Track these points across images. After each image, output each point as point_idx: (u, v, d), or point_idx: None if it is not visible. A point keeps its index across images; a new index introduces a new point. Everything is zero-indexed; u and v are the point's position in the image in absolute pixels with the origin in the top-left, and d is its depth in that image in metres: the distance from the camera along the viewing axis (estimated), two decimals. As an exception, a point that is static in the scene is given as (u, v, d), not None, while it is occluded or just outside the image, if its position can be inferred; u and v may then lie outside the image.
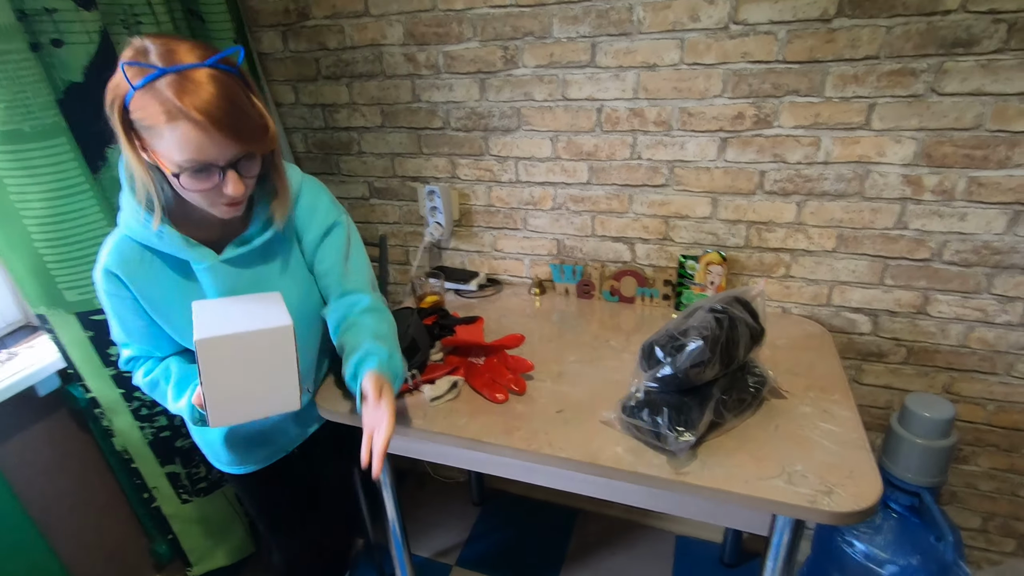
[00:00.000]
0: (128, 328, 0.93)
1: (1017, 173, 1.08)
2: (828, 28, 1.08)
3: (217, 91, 0.72)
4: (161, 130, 0.71)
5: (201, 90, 0.71)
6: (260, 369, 0.79)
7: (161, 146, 0.73)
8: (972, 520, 1.44)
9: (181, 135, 0.71)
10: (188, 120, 0.71)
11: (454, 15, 1.30)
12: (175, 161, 0.74)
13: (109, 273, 0.87)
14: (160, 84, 0.70)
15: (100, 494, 1.39)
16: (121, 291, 0.88)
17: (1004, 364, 1.24)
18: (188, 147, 0.72)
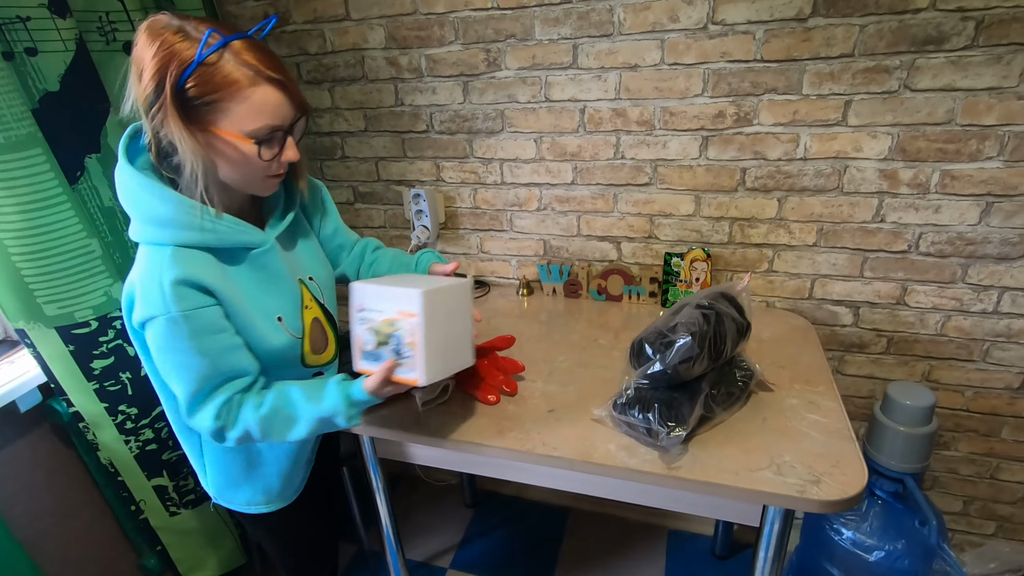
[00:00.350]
0: (214, 358, 0.75)
1: (988, 166, 1.11)
2: (804, 27, 1.10)
3: (275, 55, 0.72)
4: (237, 97, 0.68)
5: (268, 53, 0.71)
6: (455, 323, 0.85)
7: (233, 116, 0.69)
8: (954, 504, 1.48)
9: (260, 99, 0.69)
10: (268, 82, 0.69)
11: (435, 18, 1.30)
12: (248, 130, 0.70)
13: (185, 284, 0.71)
14: (231, 51, 0.68)
15: (86, 510, 1.37)
16: (202, 301, 0.73)
17: (980, 351, 1.28)
18: (266, 111, 0.70)
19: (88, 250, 1.13)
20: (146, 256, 0.74)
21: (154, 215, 0.73)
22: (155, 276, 0.71)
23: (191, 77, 0.66)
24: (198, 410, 0.78)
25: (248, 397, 0.80)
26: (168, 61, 0.66)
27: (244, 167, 0.74)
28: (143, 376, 1.27)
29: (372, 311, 0.83)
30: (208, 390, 0.77)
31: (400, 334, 0.80)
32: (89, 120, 1.14)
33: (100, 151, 1.17)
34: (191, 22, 0.69)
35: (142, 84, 0.68)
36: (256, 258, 0.81)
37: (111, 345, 1.21)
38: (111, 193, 1.20)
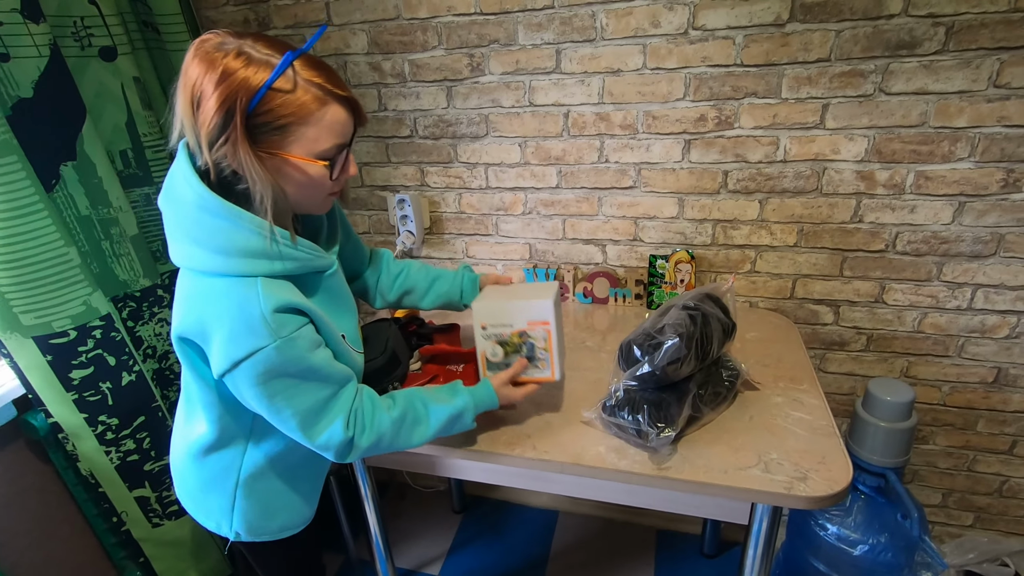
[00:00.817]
0: (325, 371, 0.75)
1: (960, 166, 1.15)
2: (782, 32, 1.12)
3: (333, 68, 0.70)
4: (308, 120, 0.66)
5: (329, 68, 0.69)
6: (560, 328, 0.95)
7: (304, 139, 0.67)
8: (933, 497, 1.52)
9: (331, 119, 0.68)
10: (337, 100, 0.68)
11: (419, 23, 1.30)
12: (318, 151, 0.69)
13: (283, 311, 0.69)
14: (296, 70, 0.65)
15: (63, 527, 1.33)
16: (301, 321, 0.72)
17: (955, 347, 1.31)
18: (336, 129, 0.69)
19: (66, 259, 1.10)
20: (229, 290, 0.69)
21: (241, 247, 0.68)
22: (251, 310, 0.67)
23: (260, 103, 0.64)
24: (323, 427, 0.76)
25: (374, 403, 0.82)
26: (236, 90, 0.62)
27: (311, 188, 0.72)
28: (124, 386, 1.24)
29: (499, 326, 0.93)
30: (326, 405, 0.76)
31: (533, 341, 0.93)
32: (64, 127, 1.12)
33: (76, 158, 1.14)
34: (246, 40, 0.65)
35: (203, 115, 0.64)
36: (325, 280, 0.80)
37: (90, 355, 1.18)
38: (87, 201, 1.17)
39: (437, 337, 1.26)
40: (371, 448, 0.81)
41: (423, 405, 0.86)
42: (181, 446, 0.90)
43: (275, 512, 0.92)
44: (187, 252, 0.71)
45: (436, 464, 1.06)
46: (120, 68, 1.22)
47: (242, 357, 0.68)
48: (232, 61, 0.63)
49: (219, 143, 0.65)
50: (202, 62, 0.64)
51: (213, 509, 0.90)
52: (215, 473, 0.87)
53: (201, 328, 0.70)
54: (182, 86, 0.65)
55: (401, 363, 1.08)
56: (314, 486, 0.97)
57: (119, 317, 1.25)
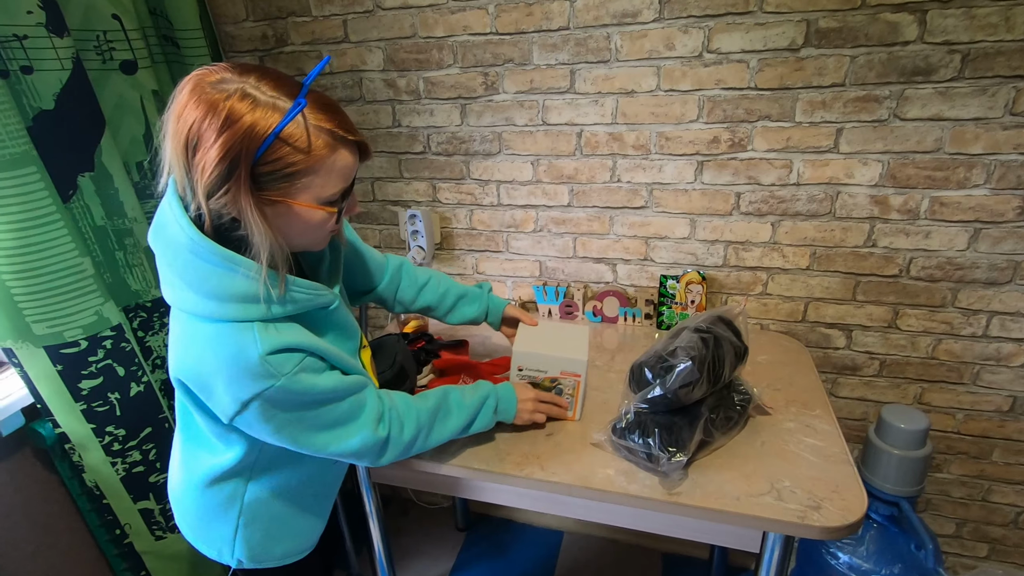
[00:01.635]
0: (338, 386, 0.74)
1: (975, 193, 1.14)
2: (796, 57, 1.13)
3: (340, 107, 0.66)
4: (317, 168, 0.63)
5: (337, 109, 0.65)
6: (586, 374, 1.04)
7: (311, 187, 0.64)
8: (947, 527, 1.49)
9: (340, 165, 0.65)
10: (345, 145, 0.64)
11: (435, 42, 1.31)
12: (325, 196, 0.65)
13: (279, 352, 0.67)
14: (304, 115, 0.61)
15: (65, 537, 1.32)
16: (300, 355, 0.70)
17: (970, 374, 1.30)
18: (344, 174, 0.66)
19: (79, 269, 1.11)
20: (222, 338, 0.66)
21: (236, 293, 0.65)
22: (245, 356, 0.65)
23: (267, 151, 0.59)
24: (355, 432, 0.76)
25: (405, 398, 0.85)
26: (241, 139, 0.58)
27: (314, 231, 0.69)
28: (132, 397, 1.24)
29: (533, 371, 1.03)
30: (349, 415, 0.76)
31: (562, 387, 1.03)
32: (83, 138, 1.13)
33: (94, 169, 1.15)
34: (249, 79, 0.60)
35: (203, 162, 0.59)
36: (327, 316, 0.77)
37: (100, 365, 1.18)
38: (103, 211, 1.18)
39: (445, 353, 1.26)
40: (411, 443, 0.82)
41: (452, 397, 0.90)
42: (181, 476, 0.88)
43: (279, 539, 0.90)
44: (180, 295, 0.68)
45: (442, 482, 1.05)
46: (140, 81, 1.23)
47: (248, 398, 0.67)
48: (237, 104, 0.58)
49: (220, 193, 0.60)
50: (201, 103, 0.58)
51: (215, 537, 0.88)
52: (218, 502, 0.85)
53: (199, 376, 0.68)
54: (176, 129, 0.60)
55: (409, 377, 1.08)
56: (320, 513, 0.96)
57: (130, 327, 1.25)
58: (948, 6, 1.03)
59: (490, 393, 0.93)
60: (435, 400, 0.88)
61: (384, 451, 0.81)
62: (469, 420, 0.91)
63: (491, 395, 0.93)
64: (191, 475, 0.86)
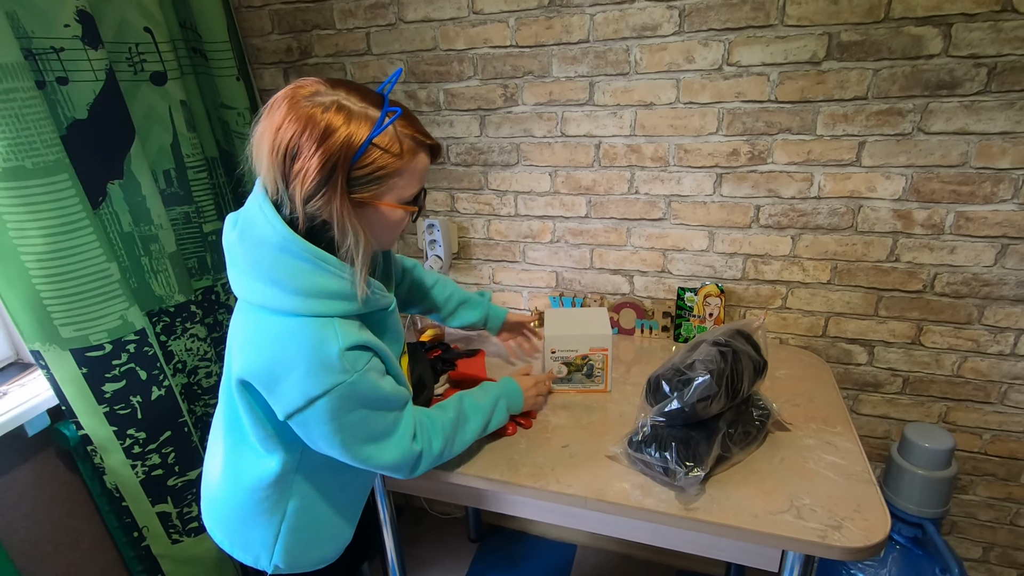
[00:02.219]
0: (391, 396, 0.78)
1: (1002, 208, 1.12)
2: (818, 70, 1.12)
3: (411, 111, 0.74)
4: (402, 170, 0.69)
5: (411, 114, 0.72)
6: None
7: (397, 188, 0.70)
8: (973, 551, 1.44)
9: (421, 167, 0.72)
10: (424, 149, 0.72)
11: (455, 54, 1.33)
12: (406, 197, 0.72)
13: (354, 348, 0.71)
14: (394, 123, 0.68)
15: (85, 537, 1.34)
16: (369, 354, 0.74)
17: (998, 393, 1.26)
18: (422, 175, 0.73)
19: (107, 274, 1.13)
20: (304, 331, 0.69)
21: (322, 288, 0.69)
22: (329, 348, 0.69)
23: (361, 158, 0.65)
24: (394, 446, 0.79)
25: (428, 412, 0.88)
26: (340, 147, 0.63)
27: (393, 230, 0.76)
28: (153, 400, 1.26)
29: (565, 351, 1.15)
30: (394, 426, 0.80)
31: (593, 363, 1.15)
32: (114, 147, 1.17)
33: (123, 177, 1.18)
34: (340, 92, 0.66)
35: (302, 171, 0.64)
36: (385, 318, 0.82)
37: (123, 368, 1.20)
38: (131, 218, 1.21)
39: (461, 363, 1.26)
40: (440, 454, 0.87)
41: (466, 403, 0.94)
42: (222, 481, 0.88)
43: (316, 544, 0.91)
44: (263, 291, 0.71)
45: (457, 492, 1.05)
46: (169, 92, 1.27)
47: (319, 394, 0.69)
48: (334, 117, 0.64)
49: (317, 197, 0.65)
50: (299, 118, 0.64)
51: (253, 542, 0.88)
52: (263, 508, 0.85)
53: (271, 370, 0.70)
54: (272, 139, 0.65)
55: (427, 387, 1.08)
56: (353, 517, 0.96)
57: (153, 332, 1.27)
58: (974, 19, 1.01)
59: (500, 393, 0.99)
60: (454, 410, 0.92)
61: (418, 465, 0.84)
62: (486, 421, 0.96)
63: (501, 395, 0.99)
64: (235, 481, 0.86)
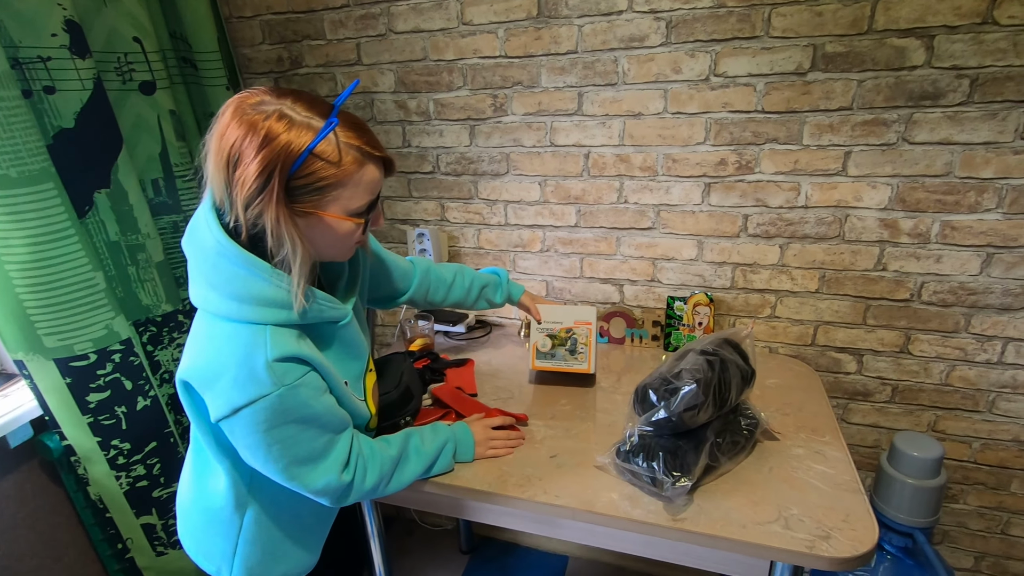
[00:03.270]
0: (326, 418, 0.76)
1: (987, 217, 1.13)
2: (803, 81, 1.13)
3: (368, 127, 0.71)
4: (346, 181, 0.67)
5: (365, 127, 0.70)
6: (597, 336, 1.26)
7: (341, 199, 0.68)
8: (965, 560, 1.44)
9: (368, 178, 0.70)
10: (373, 160, 0.69)
11: (445, 65, 1.34)
12: (353, 208, 0.70)
13: (287, 360, 0.69)
14: (335, 133, 0.66)
15: (69, 550, 1.32)
16: (304, 369, 0.72)
17: (986, 402, 1.27)
18: (371, 188, 0.71)
19: (92, 283, 1.13)
20: (236, 337, 0.69)
21: (254, 294, 0.69)
22: (255, 357, 0.68)
23: (301, 167, 0.64)
24: (320, 474, 0.77)
25: (371, 445, 0.84)
26: (277, 154, 0.63)
27: (341, 242, 0.73)
28: (139, 411, 1.25)
29: (551, 323, 1.20)
30: (323, 452, 0.77)
31: (576, 337, 1.19)
32: (101, 156, 1.16)
33: (110, 186, 1.18)
34: (286, 101, 0.65)
35: (242, 177, 0.64)
36: (338, 331, 0.80)
37: (108, 379, 1.19)
38: (117, 227, 1.21)
39: (450, 372, 1.26)
40: (373, 490, 0.83)
41: (412, 443, 0.91)
42: (187, 488, 0.90)
43: (278, 559, 0.90)
44: (204, 295, 0.72)
45: (445, 503, 1.04)
46: (158, 101, 1.27)
47: (242, 404, 0.68)
48: (275, 124, 0.63)
49: (255, 204, 0.65)
50: (242, 123, 0.64)
51: (215, 554, 0.88)
52: (221, 518, 0.86)
53: (204, 372, 0.70)
54: (218, 146, 0.65)
55: (414, 397, 1.08)
56: (319, 533, 0.96)
57: (139, 341, 1.26)
58: (956, 31, 1.03)
59: (448, 439, 0.96)
60: (397, 448, 0.88)
61: (346, 496, 0.82)
62: (428, 465, 0.92)
63: (449, 440, 0.96)
64: (198, 488, 0.87)
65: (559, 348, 1.20)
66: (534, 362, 1.21)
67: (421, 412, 1.10)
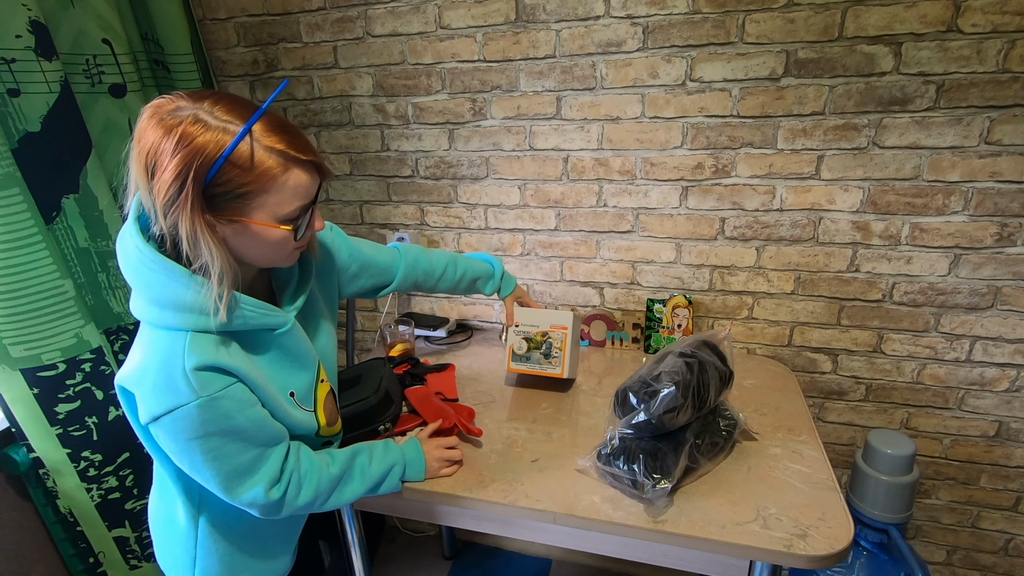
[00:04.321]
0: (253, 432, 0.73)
1: (954, 219, 1.16)
2: (777, 86, 1.15)
3: (297, 129, 0.68)
4: (270, 188, 0.64)
5: (292, 130, 0.66)
6: (576, 342, 1.25)
7: (266, 206, 0.65)
8: (937, 554, 1.47)
9: (293, 183, 0.66)
10: (299, 165, 0.66)
11: (423, 68, 1.33)
12: (282, 215, 0.67)
13: (207, 370, 0.66)
14: (256, 136, 0.63)
15: (37, 566, 1.28)
16: (227, 381, 0.69)
17: (955, 399, 1.30)
18: (299, 192, 0.67)
19: (61, 291, 1.10)
20: (157, 343, 0.67)
21: (172, 299, 0.66)
22: (173, 365, 0.65)
23: (218, 173, 0.61)
24: (246, 488, 0.74)
25: (311, 461, 0.81)
26: (191, 159, 0.60)
27: (276, 249, 0.71)
28: (110, 421, 1.22)
29: (528, 326, 1.20)
30: (250, 467, 0.74)
31: (552, 340, 1.18)
32: (69, 160, 1.13)
33: (79, 191, 1.15)
34: (203, 105, 0.62)
35: (158, 183, 0.61)
36: (276, 339, 0.76)
37: (78, 388, 1.16)
38: (87, 233, 1.18)
39: (430, 378, 1.25)
40: (307, 506, 0.82)
41: (358, 463, 0.88)
42: (152, 498, 0.89)
43: (238, 573, 0.88)
44: (133, 300, 0.71)
45: (425, 510, 1.03)
46: (128, 104, 1.24)
47: (161, 413, 0.66)
48: (190, 126, 0.60)
49: (171, 211, 0.62)
50: (157, 127, 0.61)
51: (177, 565, 0.86)
52: (178, 528, 0.84)
53: (131, 377, 0.68)
54: (137, 151, 0.63)
55: (393, 403, 1.07)
56: (283, 542, 0.93)
57: (110, 350, 1.23)
58: (922, 39, 1.06)
59: (396, 461, 0.93)
60: (340, 467, 0.85)
61: (277, 511, 0.79)
62: (372, 486, 0.90)
63: (398, 463, 0.93)
64: (159, 500, 0.87)
65: (534, 351, 1.20)
66: (509, 364, 1.21)
67: (400, 419, 1.09)
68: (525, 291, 1.30)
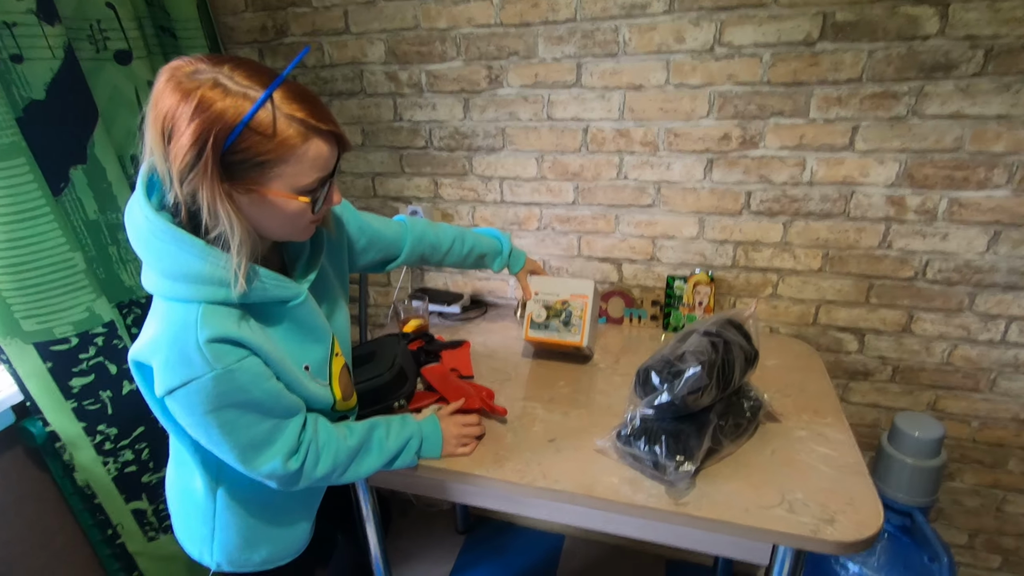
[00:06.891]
0: (269, 405, 0.72)
1: (996, 194, 1.10)
2: (811, 51, 1.09)
3: (318, 98, 0.65)
4: (289, 158, 0.63)
5: (313, 100, 0.64)
6: (595, 311, 1.23)
7: (284, 176, 0.64)
8: (959, 537, 1.45)
9: (313, 154, 0.64)
10: (319, 135, 0.64)
11: (437, 34, 1.28)
12: (300, 186, 0.65)
13: (221, 342, 0.65)
14: (277, 104, 0.61)
15: (58, 536, 1.30)
16: (242, 354, 0.68)
17: (987, 381, 1.26)
18: (318, 164, 0.65)
19: (70, 264, 1.08)
20: (170, 315, 0.66)
21: (185, 271, 0.65)
22: (186, 338, 0.64)
23: (237, 140, 0.60)
24: (265, 460, 0.73)
25: (329, 432, 0.81)
26: (210, 124, 0.58)
27: (292, 221, 0.69)
28: (125, 395, 1.22)
29: (548, 295, 1.20)
30: (268, 438, 0.73)
31: (571, 310, 1.18)
32: (76, 130, 1.10)
33: (87, 162, 1.12)
34: (222, 69, 0.60)
35: (175, 148, 0.59)
36: (290, 311, 0.75)
37: (92, 363, 1.15)
38: (96, 205, 1.15)
39: (445, 354, 1.23)
40: (325, 478, 0.81)
41: (376, 435, 0.87)
42: (170, 470, 0.89)
43: (256, 545, 0.88)
44: (144, 273, 0.69)
45: (441, 487, 1.02)
46: (135, 72, 1.20)
47: (176, 386, 0.65)
48: (209, 91, 0.58)
49: (189, 178, 0.60)
50: (175, 91, 0.59)
51: (196, 537, 0.87)
52: (196, 500, 0.84)
53: (145, 351, 0.67)
54: (153, 116, 0.61)
55: (408, 380, 1.05)
56: (300, 515, 0.93)
57: (123, 324, 1.22)
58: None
59: (413, 434, 0.92)
60: (358, 439, 0.85)
61: (295, 482, 0.79)
62: (389, 460, 0.89)
63: (414, 436, 0.92)
64: (177, 473, 0.86)
65: (553, 319, 1.18)
66: (527, 332, 1.20)
67: (416, 395, 1.08)
68: (540, 264, 1.26)
